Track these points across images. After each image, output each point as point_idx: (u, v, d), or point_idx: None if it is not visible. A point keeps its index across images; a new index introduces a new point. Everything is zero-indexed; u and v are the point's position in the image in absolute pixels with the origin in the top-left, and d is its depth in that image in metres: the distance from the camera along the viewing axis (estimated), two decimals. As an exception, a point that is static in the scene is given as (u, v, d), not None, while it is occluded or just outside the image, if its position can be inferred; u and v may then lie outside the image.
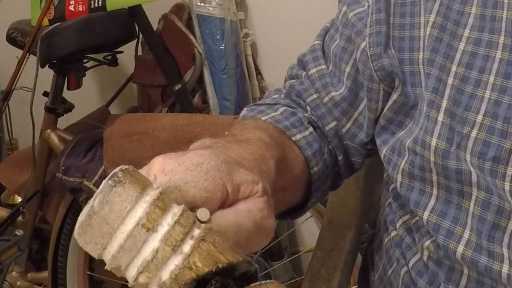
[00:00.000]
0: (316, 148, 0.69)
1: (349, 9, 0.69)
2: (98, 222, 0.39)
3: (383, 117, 0.68)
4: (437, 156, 0.60)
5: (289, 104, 0.73)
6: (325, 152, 0.71)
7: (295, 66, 0.78)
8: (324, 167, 0.71)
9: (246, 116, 0.71)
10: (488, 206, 0.58)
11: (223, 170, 0.45)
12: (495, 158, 0.56)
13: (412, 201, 0.64)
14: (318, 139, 0.70)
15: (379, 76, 0.65)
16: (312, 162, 0.68)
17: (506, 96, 0.55)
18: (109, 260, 0.39)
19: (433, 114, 0.60)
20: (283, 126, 0.68)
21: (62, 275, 1.73)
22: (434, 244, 0.63)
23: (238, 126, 0.64)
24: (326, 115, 0.72)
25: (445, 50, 0.60)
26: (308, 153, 0.68)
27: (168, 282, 0.38)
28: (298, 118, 0.70)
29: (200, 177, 0.43)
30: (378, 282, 0.75)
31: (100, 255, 0.39)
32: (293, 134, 0.68)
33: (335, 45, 0.72)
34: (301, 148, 0.68)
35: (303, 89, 0.73)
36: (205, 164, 0.44)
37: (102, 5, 1.48)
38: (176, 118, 1.48)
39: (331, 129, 0.72)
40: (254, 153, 0.54)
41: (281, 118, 0.69)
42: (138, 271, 0.38)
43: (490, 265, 0.58)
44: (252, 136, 0.59)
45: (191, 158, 0.45)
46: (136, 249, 0.38)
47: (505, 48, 0.56)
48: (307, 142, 0.69)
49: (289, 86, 0.75)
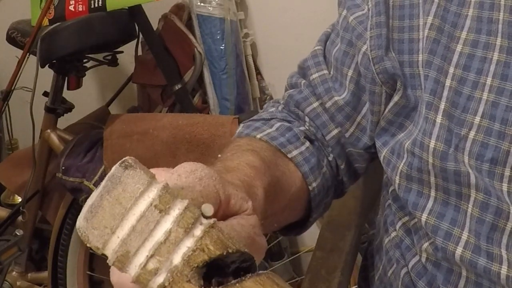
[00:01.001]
0: (313, 163, 0.68)
1: (349, 12, 0.69)
2: (110, 203, 0.38)
3: (383, 119, 0.68)
4: (436, 158, 0.60)
5: (286, 118, 0.73)
6: (323, 165, 0.71)
7: (295, 74, 0.77)
8: (324, 181, 0.70)
9: (241, 134, 0.71)
10: (486, 208, 0.58)
11: (216, 179, 0.45)
12: (493, 160, 0.56)
13: (410, 203, 0.64)
14: (315, 153, 0.70)
15: (381, 78, 0.65)
16: (310, 178, 0.68)
17: (504, 97, 0.56)
18: (117, 247, 0.38)
19: (431, 116, 0.60)
20: (278, 143, 0.67)
21: (62, 275, 1.73)
22: (433, 246, 0.63)
23: (231, 148, 0.64)
24: (327, 123, 0.72)
25: (442, 52, 0.60)
26: (305, 169, 0.68)
27: (180, 265, 0.37)
28: (294, 133, 0.70)
29: (195, 183, 0.43)
30: (379, 282, 0.75)
31: (106, 243, 0.38)
32: (288, 151, 0.67)
33: (336, 50, 0.72)
34: (297, 164, 0.67)
35: (302, 98, 0.73)
36: (198, 171, 0.44)
37: (102, 5, 1.48)
38: (176, 118, 1.48)
39: (333, 137, 0.72)
40: (242, 181, 0.53)
41: (276, 135, 0.69)
42: (148, 255, 0.37)
43: (489, 267, 0.57)
44: (243, 161, 0.58)
45: (184, 166, 0.45)
46: (148, 231, 0.38)
47: (502, 49, 0.56)
48: (304, 157, 0.68)
49: (287, 96, 0.75)
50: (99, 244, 0.38)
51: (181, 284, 0.37)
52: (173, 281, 0.37)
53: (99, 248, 0.38)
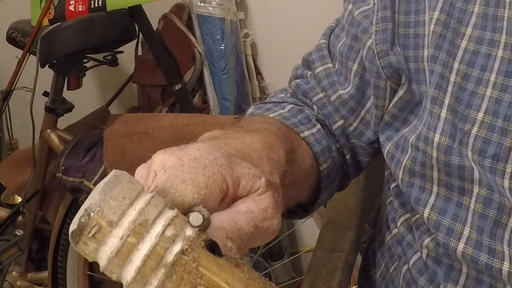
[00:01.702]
0: (324, 145, 0.69)
1: (355, 7, 0.70)
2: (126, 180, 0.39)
3: (387, 114, 0.68)
4: (440, 152, 0.60)
5: (296, 103, 0.73)
6: (333, 149, 0.71)
7: (299, 67, 0.78)
8: (333, 165, 0.71)
9: (253, 114, 0.71)
10: (489, 203, 0.58)
11: (222, 164, 0.44)
12: (495, 156, 0.56)
13: (413, 198, 0.64)
14: (326, 136, 0.70)
15: (386, 73, 0.65)
16: (321, 158, 0.68)
17: (507, 94, 0.56)
18: (135, 216, 0.38)
19: (436, 110, 0.60)
20: (291, 123, 0.68)
21: (62, 275, 1.73)
22: (434, 242, 0.64)
23: (246, 120, 0.64)
24: (333, 114, 0.72)
25: (448, 47, 0.60)
26: (317, 149, 0.68)
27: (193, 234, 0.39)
28: (305, 115, 0.70)
29: (197, 173, 0.43)
30: (380, 280, 0.75)
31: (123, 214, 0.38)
32: (301, 131, 0.68)
33: (341, 44, 0.72)
34: (309, 144, 0.68)
35: (309, 88, 0.73)
36: (202, 158, 0.44)
37: (102, 5, 1.49)
38: (176, 118, 1.48)
39: (338, 127, 0.72)
40: (263, 142, 0.53)
41: (288, 115, 0.69)
42: (164, 224, 0.38)
43: (490, 263, 0.58)
44: (261, 127, 0.59)
45: (189, 153, 0.44)
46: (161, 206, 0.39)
47: (507, 46, 0.57)
48: (316, 138, 0.68)
49: (294, 85, 0.75)
50: (116, 216, 0.38)
51: (199, 250, 0.38)
52: (191, 247, 0.38)
53: (113, 223, 0.38)
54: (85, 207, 0.38)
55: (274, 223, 0.46)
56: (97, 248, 0.38)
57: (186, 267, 0.38)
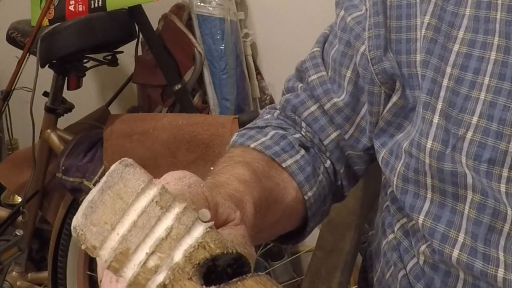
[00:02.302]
0: (309, 172, 0.68)
1: (347, 13, 0.69)
2: (111, 198, 0.37)
3: (382, 120, 0.67)
4: (432, 158, 0.59)
5: (281, 125, 0.72)
6: (320, 173, 0.70)
7: (292, 78, 0.77)
8: (320, 189, 0.70)
9: (235, 143, 0.70)
10: (483, 209, 0.57)
11: (204, 186, 0.45)
12: (491, 160, 0.55)
13: (407, 205, 0.64)
14: (311, 161, 0.69)
15: (380, 79, 0.65)
16: (306, 187, 0.67)
17: (501, 97, 0.55)
18: (116, 244, 0.37)
19: (428, 116, 0.59)
20: (272, 153, 0.67)
21: (62, 275, 1.73)
22: (430, 248, 0.63)
23: (224, 159, 0.63)
24: (325, 127, 0.71)
25: (439, 51, 0.59)
26: (300, 179, 0.67)
27: (181, 262, 0.37)
28: (288, 141, 0.69)
29: (184, 190, 0.43)
30: (377, 284, 0.75)
31: (104, 241, 0.37)
32: (283, 160, 0.67)
33: (334, 51, 0.71)
34: (292, 174, 0.67)
35: (299, 102, 0.72)
36: (186, 178, 0.44)
37: (102, 5, 1.48)
38: (176, 118, 1.48)
39: (332, 141, 0.71)
40: (231, 196, 0.52)
41: (270, 144, 0.68)
42: (148, 252, 0.37)
43: (485, 269, 0.57)
44: (232, 176, 0.57)
45: (171, 174, 0.44)
46: (149, 226, 0.37)
47: (500, 49, 0.56)
48: (299, 166, 0.67)
49: (284, 101, 0.74)
50: (97, 242, 0.37)
51: (183, 282, 0.36)
52: (174, 279, 0.36)
53: (96, 248, 0.37)
54: (73, 224, 0.38)
55: (252, 251, 0.46)
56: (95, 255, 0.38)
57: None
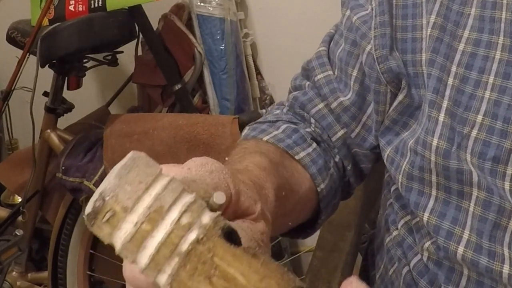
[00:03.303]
0: (321, 165, 0.68)
1: (353, 12, 0.69)
2: (143, 163, 0.38)
3: (387, 118, 0.68)
4: (438, 156, 0.60)
5: (291, 120, 0.73)
6: (331, 166, 0.71)
7: (298, 76, 0.77)
8: (332, 183, 0.70)
9: (247, 136, 0.70)
10: (489, 206, 0.58)
11: (226, 173, 0.44)
12: (495, 158, 0.56)
13: (412, 202, 0.64)
14: (322, 154, 0.70)
15: (386, 78, 0.65)
16: (318, 179, 0.68)
17: (506, 96, 0.56)
18: (151, 201, 0.37)
19: (434, 114, 0.60)
20: (285, 145, 0.67)
21: (62, 275, 1.73)
22: (434, 245, 0.63)
23: (238, 150, 0.63)
24: (333, 124, 0.72)
25: (445, 50, 0.60)
26: (313, 171, 0.67)
27: (210, 223, 0.38)
28: (300, 135, 0.70)
29: (205, 176, 0.43)
30: (380, 281, 0.75)
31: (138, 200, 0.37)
32: (296, 153, 0.67)
33: (340, 50, 0.72)
34: (305, 166, 0.67)
35: (307, 100, 0.73)
36: (209, 165, 0.44)
37: (102, 5, 1.49)
38: (176, 118, 1.48)
39: (339, 138, 0.72)
40: (254, 183, 0.52)
41: (283, 137, 0.68)
42: (181, 211, 0.37)
43: (490, 266, 0.58)
44: (251, 163, 0.57)
45: (194, 160, 0.44)
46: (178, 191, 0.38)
47: (504, 48, 0.56)
48: (311, 159, 0.68)
49: (292, 98, 0.75)
50: (130, 202, 0.37)
51: (214, 239, 0.37)
52: (206, 236, 0.37)
53: (127, 209, 0.37)
54: (100, 190, 0.38)
55: (267, 249, 0.45)
56: (111, 232, 0.37)
57: (200, 257, 0.37)
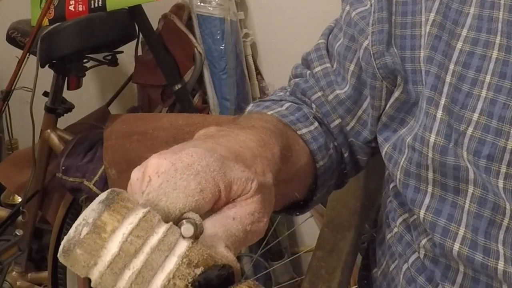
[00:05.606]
0: (321, 143, 0.70)
1: (352, 8, 0.70)
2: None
3: (385, 115, 0.68)
4: (436, 152, 0.60)
5: (295, 101, 0.74)
6: (330, 147, 0.72)
7: (299, 66, 0.79)
8: (330, 162, 0.71)
9: (251, 111, 0.73)
10: (484, 203, 0.58)
11: (215, 169, 0.45)
12: (490, 156, 0.56)
13: (409, 199, 0.65)
14: (323, 134, 0.71)
15: (382, 74, 0.66)
16: (318, 156, 0.69)
17: (502, 95, 0.56)
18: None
19: (432, 111, 0.61)
20: (288, 121, 0.69)
21: (62, 275, 1.73)
22: (431, 242, 0.64)
23: (243, 117, 0.65)
24: (330, 113, 0.73)
25: (444, 48, 0.60)
26: (314, 147, 0.69)
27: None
28: (303, 113, 0.71)
29: (190, 180, 0.44)
30: (382, 278, 0.75)
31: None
32: (298, 128, 0.69)
33: (339, 44, 0.73)
34: (306, 141, 0.69)
35: (308, 87, 0.74)
36: (195, 165, 0.45)
37: (102, 5, 1.48)
38: (176, 118, 1.48)
39: (336, 126, 0.73)
40: (258, 140, 0.54)
41: (286, 113, 0.70)
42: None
43: (485, 262, 0.58)
44: (257, 124, 0.59)
45: (182, 159, 0.45)
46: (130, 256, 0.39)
47: (501, 48, 0.57)
48: (313, 136, 0.69)
49: (293, 84, 0.76)
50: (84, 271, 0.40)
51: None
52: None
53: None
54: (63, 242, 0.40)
55: (260, 225, 0.47)
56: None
57: None
